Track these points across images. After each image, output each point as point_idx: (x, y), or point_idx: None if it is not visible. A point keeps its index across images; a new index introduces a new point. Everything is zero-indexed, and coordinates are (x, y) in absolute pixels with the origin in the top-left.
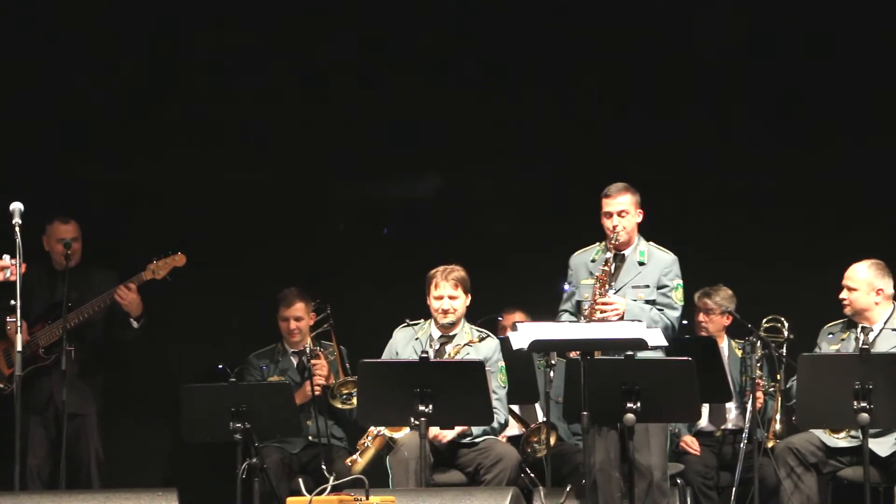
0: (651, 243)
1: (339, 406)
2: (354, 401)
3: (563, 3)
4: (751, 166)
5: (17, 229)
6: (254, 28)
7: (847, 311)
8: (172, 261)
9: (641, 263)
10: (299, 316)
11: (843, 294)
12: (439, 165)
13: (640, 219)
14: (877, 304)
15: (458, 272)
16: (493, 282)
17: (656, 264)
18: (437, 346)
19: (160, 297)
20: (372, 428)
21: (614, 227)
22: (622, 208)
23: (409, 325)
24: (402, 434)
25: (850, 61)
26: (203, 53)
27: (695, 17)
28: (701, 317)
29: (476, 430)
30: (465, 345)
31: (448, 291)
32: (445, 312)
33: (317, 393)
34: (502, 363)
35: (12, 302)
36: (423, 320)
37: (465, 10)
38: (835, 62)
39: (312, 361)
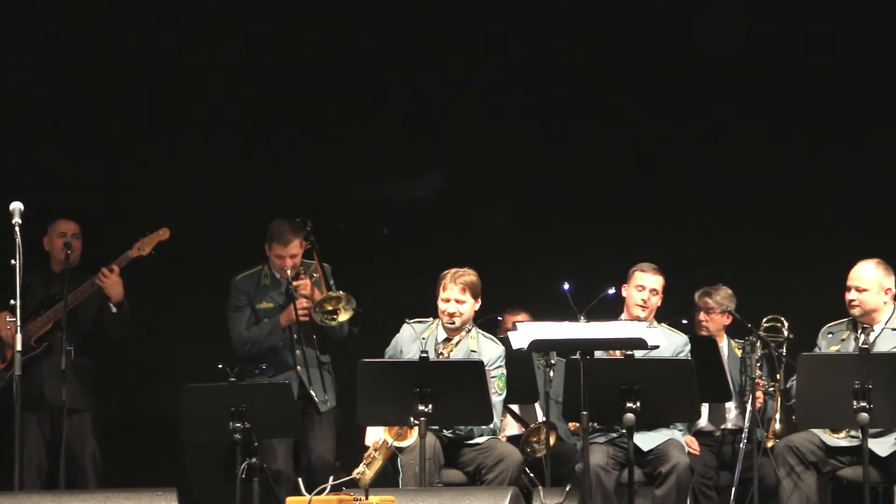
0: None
1: (321, 323)
2: (338, 318)
3: (563, 3)
4: (751, 166)
5: (17, 229)
6: (254, 28)
7: (856, 311)
8: (157, 236)
9: None
10: (294, 253)
11: (852, 295)
12: (439, 165)
13: None
14: (885, 303)
15: (469, 276)
16: (494, 282)
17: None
18: (441, 349)
19: (161, 297)
20: (377, 440)
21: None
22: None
23: (416, 322)
24: (409, 442)
25: (850, 61)
26: (203, 53)
27: (695, 17)
28: (701, 316)
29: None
30: (462, 344)
31: (455, 295)
32: (451, 316)
33: (302, 318)
34: (503, 370)
35: (12, 302)
36: (431, 319)
37: (464, 10)
38: (835, 62)
39: (295, 283)
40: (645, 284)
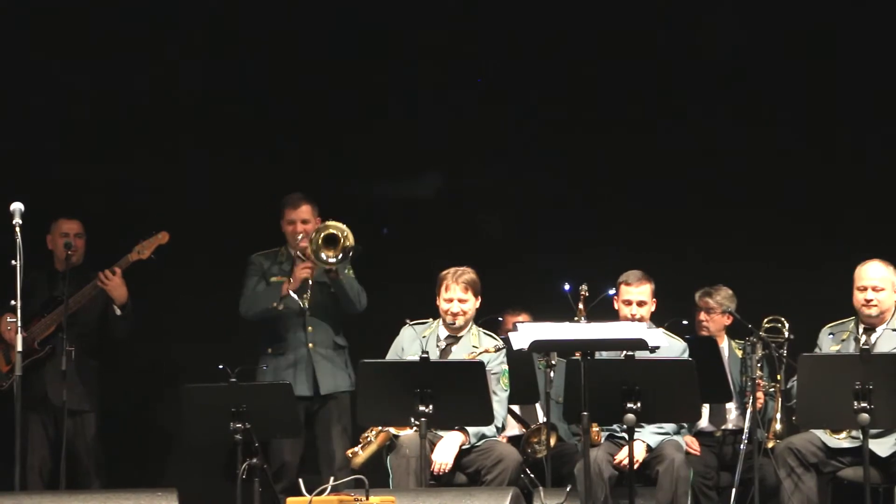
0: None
1: (324, 264)
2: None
3: (563, 3)
4: (750, 166)
5: (17, 229)
6: (254, 28)
7: (873, 311)
8: (156, 239)
9: None
10: (306, 219)
11: (870, 295)
12: (439, 165)
13: None
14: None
15: (469, 275)
16: (494, 282)
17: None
18: (443, 346)
19: (160, 297)
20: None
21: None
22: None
23: (417, 324)
24: (406, 432)
25: (850, 61)
26: (202, 53)
27: (695, 17)
28: (702, 316)
29: (473, 438)
30: (482, 352)
31: (458, 294)
32: (455, 315)
33: (302, 274)
34: (506, 367)
35: (12, 302)
36: (430, 319)
37: (464, 9)
38: (835, 62)
39: (302, 245)
40: (631, 298)
